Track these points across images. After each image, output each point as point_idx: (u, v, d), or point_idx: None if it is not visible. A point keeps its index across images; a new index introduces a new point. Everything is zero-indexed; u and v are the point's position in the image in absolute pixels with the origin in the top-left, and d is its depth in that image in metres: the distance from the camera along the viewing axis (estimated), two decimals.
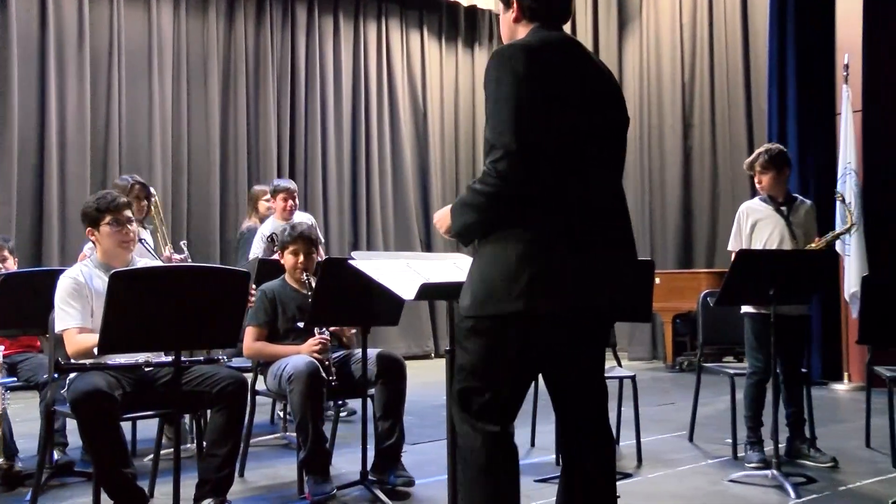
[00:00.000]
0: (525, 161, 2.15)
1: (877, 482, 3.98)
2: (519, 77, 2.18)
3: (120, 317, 2.71)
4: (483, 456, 2.25)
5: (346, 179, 10.04)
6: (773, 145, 4.54)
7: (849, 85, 7.05)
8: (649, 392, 6.51)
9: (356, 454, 3.85)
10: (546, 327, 2.24)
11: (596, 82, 2.35)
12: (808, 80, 7.59)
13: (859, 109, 7.17)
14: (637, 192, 9.83)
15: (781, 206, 4.41)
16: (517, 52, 2.22)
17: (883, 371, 4.50)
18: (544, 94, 2.19)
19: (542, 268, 2.17)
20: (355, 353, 4.02)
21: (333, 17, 10.08)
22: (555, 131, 2.20)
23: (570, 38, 2.40)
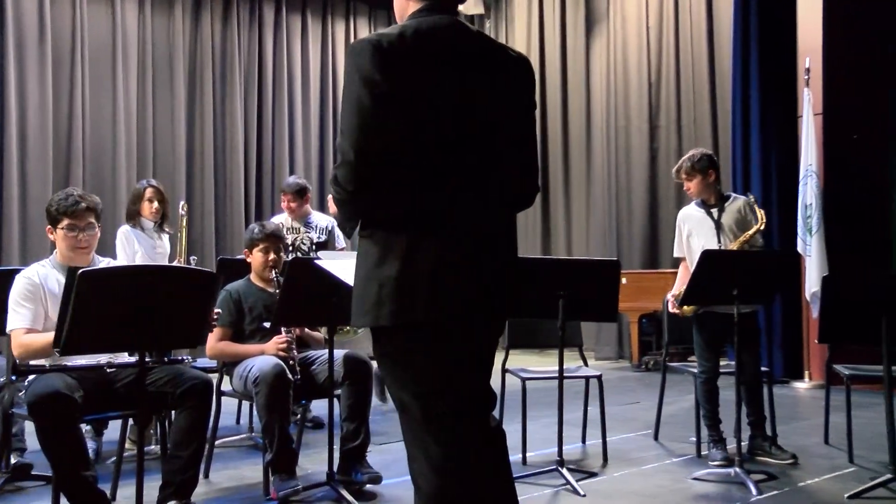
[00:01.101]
0: (362, 171, 2.01)
1: (834, 478, 4.06)
2: (365, 77, 2.00)
3: (84, 317, 2.68)
4: None
5: (314, 179, 10.00)
6: (696, 151, 4.59)
7: (810, 88, 7.16)
8: (615, 391, 6.56)
9: (322, 455, 3.83)
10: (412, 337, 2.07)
11: (481, 73, 2.13)
12: (771, 83, 7.71)
13: (820, 112, 7.28)
14: (603, 192, 9.91)
15: (712, 208, 4.47)
16: (365, 49, 2.02)
17: (841, 369, 4.59)
18: (396, 96, 2.00)
19: (390, 278, 2.03)
20: (321, 354, 4.01)
21: (301, 15, 10.05)
22: (408, 134, 2.03)
23: (459, 25, 2.16)
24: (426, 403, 2.09)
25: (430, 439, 2.08)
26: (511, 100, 2.19)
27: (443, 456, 2.07)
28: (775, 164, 7.69)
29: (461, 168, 2.09)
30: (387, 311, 2.03)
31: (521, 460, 4.33)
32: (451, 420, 2.09)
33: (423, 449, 2.09)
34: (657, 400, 4.96)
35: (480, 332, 2.18)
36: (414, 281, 2.03)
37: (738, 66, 7.87)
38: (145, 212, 5.08)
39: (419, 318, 2.03)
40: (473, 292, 2.09)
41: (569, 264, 4.77)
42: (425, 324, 2.05)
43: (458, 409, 2.11)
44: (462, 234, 2.08)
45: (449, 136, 2.07)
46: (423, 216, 2.05)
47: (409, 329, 2.05)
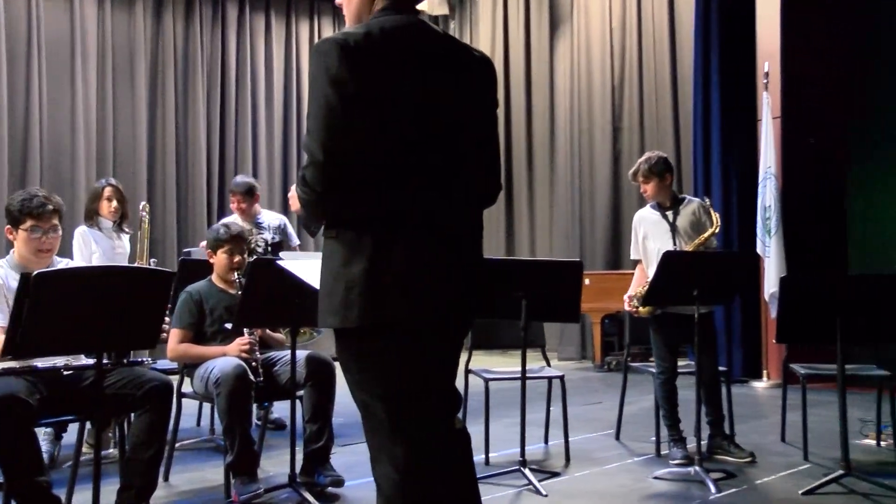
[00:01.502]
0: (330, 171, 2.00)
1: (789, 475, 4.13)
2: (332, 77, 1.98)
3: (41, 319, 2.63)
4: None
5: (277, 178, 9.95)
6: (653, 153, 4.62)
7: (769, 92, 7.28)
8: (578, 392, 6.61)
9: (284, 457, 3.81)
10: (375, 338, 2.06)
11: (445, 73, 2.13)
12: (731, 86, 7.81)
13: (778, 116, 7.40)
14: (567, 193, 9.97)
15: (667, 210, 4.52)
16: (332, 48, 2.00)
17: (798, 369, 4.67)
18: (363, 95, 2.00)
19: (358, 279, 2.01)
20: (283, 355, 3.99)
21: (265, 14, 9.99)
22: (376, 134, 2.02)
23: (421, 24, 2.16)
24: (391, 405, 2.07)
25: (394, 441, 2.07)
26: (475, 99, 2.20)
27: (407, 457, 2.06)
28: (735, 166, 7.79)
29: (427, 167, 2.09)
30: (355, 312, 2.02)
31: (483, 461, 4.34)
32: (415, 422, 2.08)
33: (387, 451, 2.08)
34: (619, 400, 5.00)
35: (448, 333, 2.18)
36: (382, 281, 2.02)
37: (699, 70, 7.97)
38: (104, 211, 5.00)
39: (388, 318, 2.02)
40: (442, 293, 2.09)
41: (531, 265, 4.79)
42: (393, 325, 2.04)
43: (423, 410, 2.10)
44: (430, 234, 2.08)
45: (415, 135, 2.07)
46: (391, 216, 2.05)
47: (375, 330, 2.04)
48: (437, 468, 2.11)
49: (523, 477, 3.91)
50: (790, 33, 7.45)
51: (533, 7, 10.47)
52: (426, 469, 2.09)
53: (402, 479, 2.06)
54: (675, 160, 8.68)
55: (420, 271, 2.05)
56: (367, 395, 2.10)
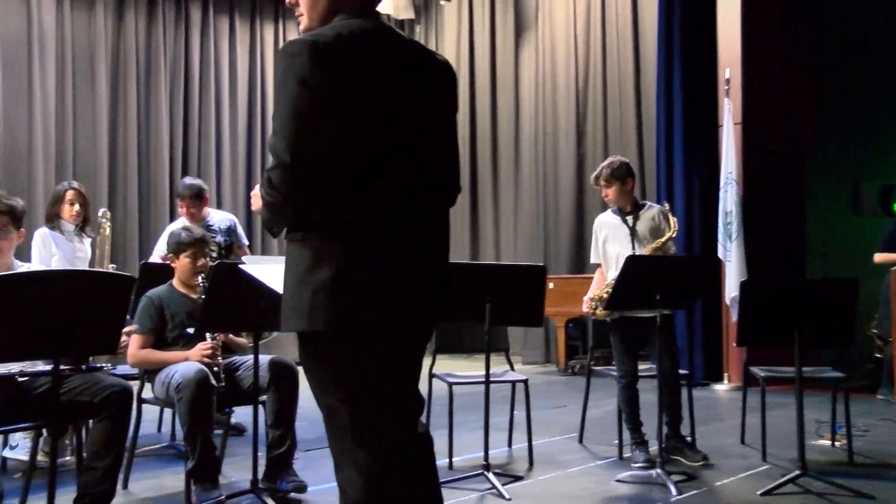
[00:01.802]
0: (297, 173, 1.97)
1: (748, 476, 4.18)
2: (301, 78, 1.96)
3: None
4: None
5: (241, 181, 9.88)
6: (615, 158, 4.66)
7: (730, 98, 7.39)
8: (542, 395, 6.63)
9: (247, 462, 3.78)
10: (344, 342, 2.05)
11: (409, 79, 2.13)
12: (694, 92, 7.92)
13: (740, 122, 7.52)
14: (531, 197, 10.02)
15: (628, 215, 4.55)
16: (302, 49, 1.98)
17: (757, 371, 4.74)
18: (332, 97, 1.98)
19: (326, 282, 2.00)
20: (246, 360, 3.96)
21: (229, 16, 9.91)
22: (343, 136, 2.00)
23: (386, 28, 2.18)
24: (356, 409, 2.06)
25: (358, 446, 2.06)
26: (438, 104, 2.22)
27: (371, 462, 2.05)
28: (697, 171, 7.89)
29: (393, 170, 2.09)
30: (323, 316, 2.01)
31: (447, 465, 4.34)
32: (380, 426, 2.08)
33: (351, 455, 2.07)
34: (582, 404, 5.03)
35: (413, 337, 2.18)
36: (350, 285, 2.01)
37: (662, 76, 8.07)
38: (65, 214, 4.93)
39: (356, 322, 2.02)
40: (410, 297, 2.09)
41: (495, 269, 4.81)
42: (359, 328, 2.03)
43: (388, 414, 2.09)
44: (397, 238, 2.08)
45: (382, 138, 2.06)
46: (358, 219, 2.04)
47: (341, 333, 2.03)
48: (401, 473, 2.10)
49: (487, 481, 3.92)
50: (751, 41, 7.58)
51: (498, 12, 10.51)
52: (391, 474, 2.08)
53: (367, 483, 2.05)
54: (638, 165, 8.77)
55: (388, 275, 2.04)
56: (332, 399, 2.08)
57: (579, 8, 9.62)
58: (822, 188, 8.62)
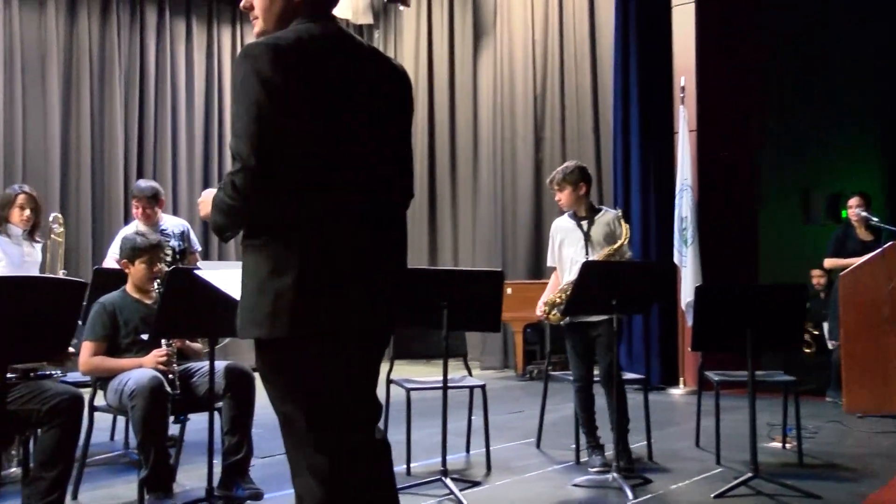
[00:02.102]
0: (265, 178, 1.96)
1: (703, 479, 4.25)
2: (264, 79, 1.96)
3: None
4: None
5: (198, 186, 9.75)
6: (571, 163, 4.67)
7: (685, 106, 7.50)
8: (500, 400, 6.65)
9: (202, 470, 3.73)
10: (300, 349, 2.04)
11: (367, 83, 2.14)
12: (650, 100, 8.02)
13: (694, 129, 7.63)
14: (489, 203, 10.05)
15: (583, 220, 4.56)
16: (264, 51, 1.98)
17: (712, 376, 4.81)
18: (294, 100, 1.98)
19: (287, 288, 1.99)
20: (201, 366, 3.91)
21: (186, 19, 9.80)
22: (306, 142, 2.00)
23: (344, 32, 2.18)
24: (313, 416, 2.06)
25: (316, 453, 2.05)
26: (395, 108, 2.23)
27: (328, 468, 2.05)
28: (654, 177, 7.99)
29: (353, 175, 2.09)
30: (284, 322, 2.00)
31: (405, 471, 4.33)
32: (337, 432, 2.07)
33: (309, 462, 2.06)
34: (539, 409, 5.05)
35: (371, 342, 2.17)
36: (310, 291, 2.00)
37: (619, 83, 8.16)
38: (15, 219, 4.81)
39: (317, 328, 2.01)
40: (369, 302, 2.09)
41: (452, 275, 4.82)
42: (319, 334, 2.02)
43: (346, 421, 2.09)
44: (357, 243, 2.08)
45: (341, 142, 2.07)
46: (317, 224, 2.03)
47: (300, 340, 2.02)
48: (359, 480, 2.10)
49: (444, 486, 3.91)
50: (705, 50, 7.70)
51: (457, 17, 10.55)
52: (348, 481, 2.07)
53: (324, 490, 2.05)
54: (596, 171, 8.85)
55: (347, 281, 2.04)
56: (289, 405, 2.07)
57: (537, 15, 9.69)
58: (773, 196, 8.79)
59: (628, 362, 7.69)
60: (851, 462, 4.62)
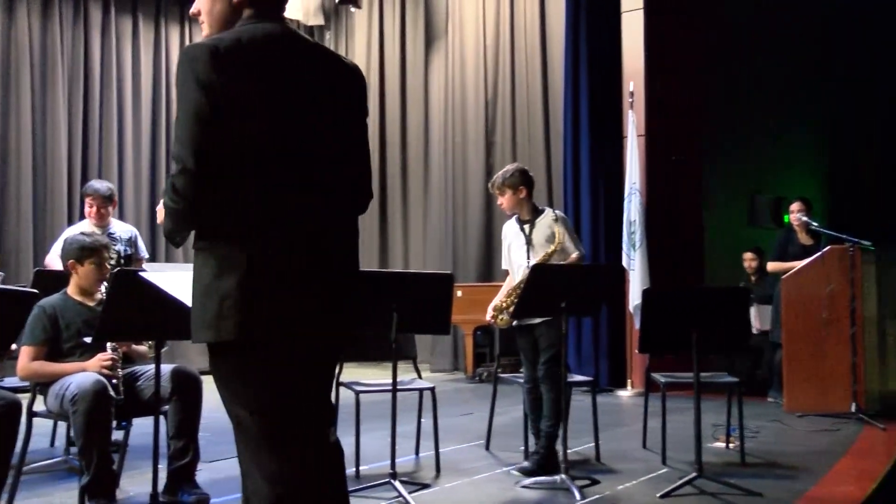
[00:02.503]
0: (202, 179, 1.96)
1: (649, 479, 4.30)
2: (201, 82, 1.96)
3: None
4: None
5: (145, 187, 9.60)
6: (512, 166, 4.66)
7: (634, 110, 7.61)
8: (449, 403, 6.66)
9: (147, 475, 3.66)
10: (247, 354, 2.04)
11: (315, 83, 2.13)
12: (599, 104, 8.11)
13: (643, 134, 7.74)
14: (440, 206, 10.06)
15: (524, 224, 4.57)
16: (202, 53, 1.97)
17: (658, 377, 4.88)
18: (233, 102, 1.98)
19: (232, 290, 1.99)
20: (147, 369, 3.84)
21: (132, 17, 9.63)
22: (247, 142, 2.00)
23: (292, 32, 2.19)
24: (264, 419, 2.05)
25: (267, 456, 2.05)
26: (347, 107, 2.22)
27: (279, 472, 2.04)
28: (603, 181, 8.07)
29: (299, 176, 2.08)
30: (230, 325, 1.99)
31: (354, 473, 4.30)
32: (288, 436, 2.07)
33: (259, 465, 2.06)
34: (489, 411, 5.07)
35: (321, 346, 2.16)
36: (256, 293, 1.99)
37: (569, 87, 8.23)
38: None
39: (263, 331, 2.00)
40: (318, 305, 2.08)
41: (402, 277, 4.81)
42: (267, 337, 2.01)
43: (297, 424, 2.09)
44: (303, 245, 2.07)
45: (286, 143, 2.06)
46: (263, 226, 2.02)
47: (249, 343, 2.01)
48: (309, 483, 2.10)
49: (394, 489, 3.90)
50: (653, 56, 7.82)
51: (409, 21, 10.54)
52: (299, 484, 2.07)
53: (273, 494, 2.04)
54: (546, 175, 8.93)
55: (295, 284, 2.03)
56: (240, 408, 2.07)
57: (489, 19, 9.73)
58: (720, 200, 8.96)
59: (577, 365, 7.77)
60: (790, 460, 4.73)
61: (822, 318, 6.21)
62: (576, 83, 8.19)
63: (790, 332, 6.41)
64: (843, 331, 6.11)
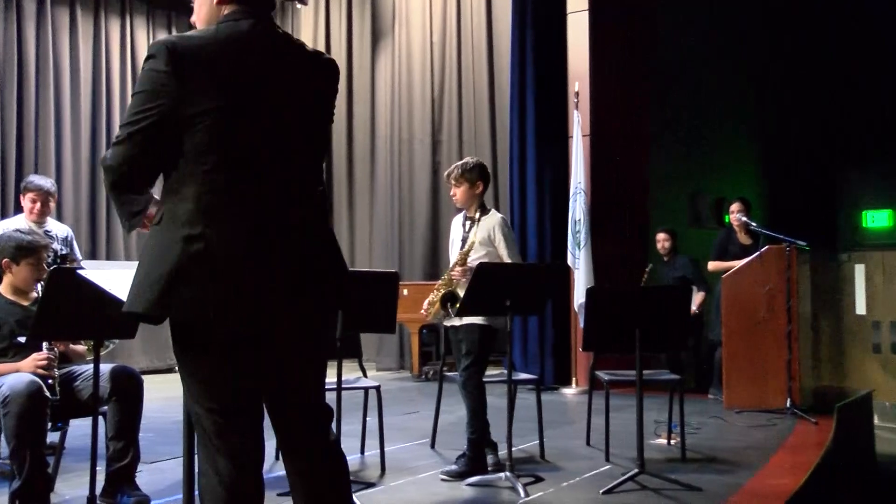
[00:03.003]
0: (142, 167, 2.08)
1: (593, 476, 4.35)
2: (156, 72, 2.03)
3: None
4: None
5: (84, 183, 9.38)
6: (471, 159, 4.60)
7: (579, 111, 7.69)
8: (395, 402, 6.65)
9: (84, 478, 3.58)
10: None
11: (286, 74, 2.18)
12: (545, 104, 8.17)
13: (588, 134, 7.83)
14: (386, 204, 10.04)
15: (469, 220, 4.54)
16: (159, 51, 2.04)
17: (602, 375, 4.94)
18: (185, 91, 2.02)
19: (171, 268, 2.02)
20: (85, 369, 3.76)
21: (70, 9, 9.39)
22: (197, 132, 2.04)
23: (268, 28, 2.20)
24: (217, 418, 2.07)
25: (219, 454, 2.06)
26: (312, 101, 2.24)
27: (231, 472, 2.06)
28: (549, 180, 8.15)
29: (254, 165, 2.10)
30: (152, 300, 2.01)
31: None
32: (237, 435, 2.08)
33: (213, 463, 2.07)
34: (434, 409, 5.08)
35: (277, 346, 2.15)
36: (189, 274, 2.00)
37: (515, 87, 8.29)
38: None
39: (183, 312, 2.02)
40: (257, 293, 2.06)
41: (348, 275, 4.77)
42: (216, 335, 2.04)
43: (244, 424, 2.10)
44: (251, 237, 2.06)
45: (238, 137, 2.08)
46: (214, 213, 2.04)
47: (201, 340, 2.05)
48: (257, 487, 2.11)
49: None
50: (598, 57, 7.91)
51: (355, 18, 10.50)
52: (246, 485, 2.09)
53: (226, 493, 2.06)
54: (493, 173, 8.93)
55: (235, 270, 2.03)
56: (196, 405, 2.10)
57: (436, 17, 9.75)
58: (663, 200, 9.10)
59: (523, 363, 7.83)
60: (729, 455, 4.83)
61: (761, 317, 6.37)
62: (522, 83, 8.24)
63: (730, 331, 6.56)
64: (779, 329, 6.27)
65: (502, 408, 4.42)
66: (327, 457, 2.27)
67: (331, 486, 2.27)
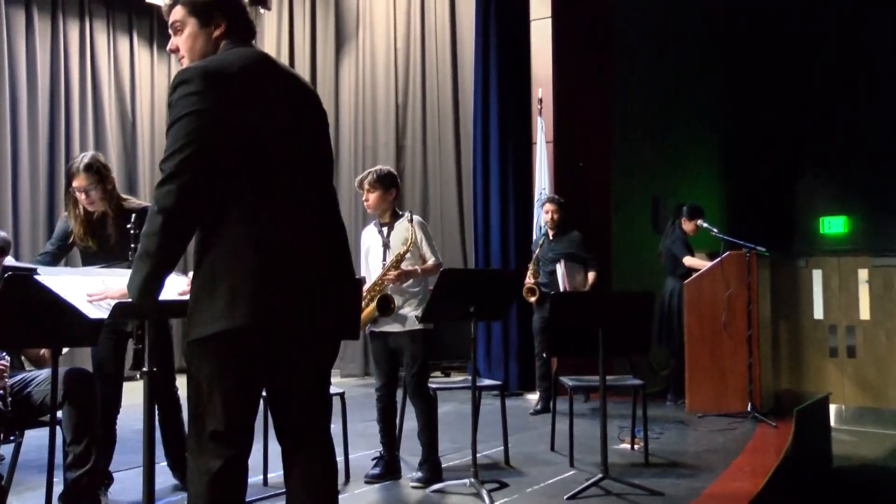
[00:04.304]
0: (189, 194, 2.09)
1: (558, 481, 4.37)
2: (195, 96, 2.10)
3: None
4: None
5: (42, 188, 9.19)
6: (384, 166, 4.65)
7: (542, 117, 7.72)
8: (359, 408, 6.59)
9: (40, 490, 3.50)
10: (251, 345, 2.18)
11: (293, 96, 2.32)
12: (509, 110, 8.19)
13: (552, 140, 7.87)
14: (349, 209, 9.99)
15: (384, 226, 4.56)
16: (194, 75, 2.12)
17: (566, 381, 4.96)
18: (228, 120, 2.12)
19: (241, 284, 2.13)
20: (36, 375, 3.67)
21: (26, 10, 9.20)
22: (238, 159, 2.14)
23: (268, 57, 2.35)
24: (201, 424, 2.20)
25: (204, 459, 2.18)
26: (320, 126, 2.41)
27: (220, 467, 2.17)
28: (513, 186, 8.16)
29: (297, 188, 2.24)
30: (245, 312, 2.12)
31: (262, 481, 4.23)
32: (216, 444, 2.18)
33: (199, 468, 2.19)
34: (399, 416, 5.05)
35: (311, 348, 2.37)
36: (265, 287, 2.15)
37: (479, 93, 8.30)
38: None
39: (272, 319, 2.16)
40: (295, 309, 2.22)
41: None
42: (278, 324, 2.18)
43: (223, 433, 2.18)
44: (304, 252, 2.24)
45: (276, 160, 2.19)
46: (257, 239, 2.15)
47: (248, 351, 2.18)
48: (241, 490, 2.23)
49: None
50: (561, 63, 7.96)
51: (319, 23, 10.45)
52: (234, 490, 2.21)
53: (209, 497, 2.17)
54: (456, 179, 9.01)
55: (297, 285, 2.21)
56: (208, 418, 2.21)
57: (399, 23, 9.73)
58: (625, 205, 9.17)
59: (487, 368, 7.83)
60: (691, 459, 4.88)
61: (721, 322, 6.44)
62: (485, 89, 8.26)
63: (691, 335, 6.62)
64: (740, 333, 6.35)
65: (467, 414, 4.42)
66: (325, 447, 2.42)
67: (324, 475, 2.39)
